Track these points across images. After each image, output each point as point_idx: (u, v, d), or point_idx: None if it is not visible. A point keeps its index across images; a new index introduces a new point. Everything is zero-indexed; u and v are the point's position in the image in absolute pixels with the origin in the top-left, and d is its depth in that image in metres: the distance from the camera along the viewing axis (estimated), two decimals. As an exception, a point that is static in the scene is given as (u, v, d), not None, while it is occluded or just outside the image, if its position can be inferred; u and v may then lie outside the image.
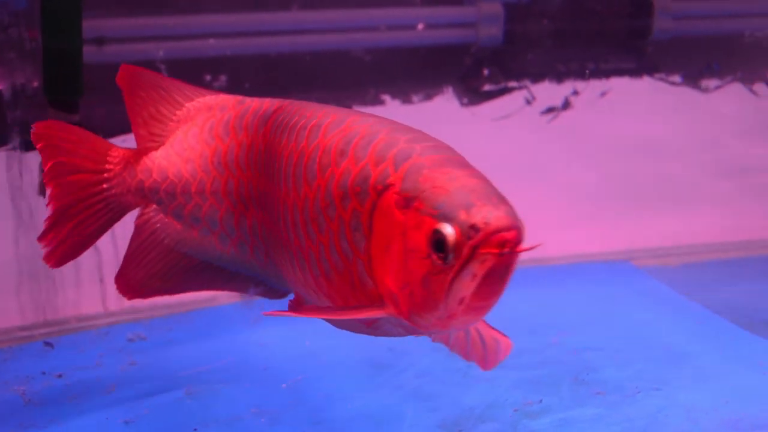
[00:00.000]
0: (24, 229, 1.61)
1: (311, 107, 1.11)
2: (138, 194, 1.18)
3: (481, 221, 0.90)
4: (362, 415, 1.27)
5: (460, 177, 0.94)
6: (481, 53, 1.91)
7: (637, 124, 1.98)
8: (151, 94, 1.20)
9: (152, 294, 1.23)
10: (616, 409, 1.26)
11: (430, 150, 0.98)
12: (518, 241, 0.90)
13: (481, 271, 0.89)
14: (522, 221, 0.92)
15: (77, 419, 1.29)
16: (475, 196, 0.92)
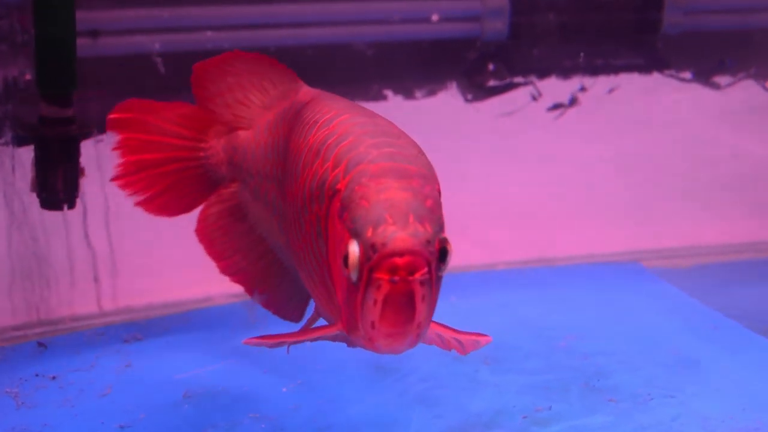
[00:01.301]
0: (17, 226, 1.57)
1: (327, 102, 1.12)
2: (229, 168, 1.26)
3: (380, 242, 0.88)
4: (366, 420, 1.23)
5: (391, 189, 0.92)
6: (486, 48, 1.87)
7: (645, 121, 1.94)
8: (241, 79, 1.26)
9: (235, 272, 1.30)
10: (629, 416, 1.23)
11: (383, 157, 0.96)
12: (412, 269, 0.86)
13: (379, 297, 0.87)
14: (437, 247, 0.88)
15: (71, 423, 1.25)
16: (391, 213, 0.89)
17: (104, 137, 1.60)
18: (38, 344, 1.50)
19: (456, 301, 1.62)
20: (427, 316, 0.91)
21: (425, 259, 0.87)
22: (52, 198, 1.45)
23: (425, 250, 0.87)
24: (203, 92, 1.27)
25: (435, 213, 0.92)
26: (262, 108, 1.26)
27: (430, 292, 0.89)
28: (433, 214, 0.91)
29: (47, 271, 1.61)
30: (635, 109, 1.93)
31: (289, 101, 1.21)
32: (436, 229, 0.90)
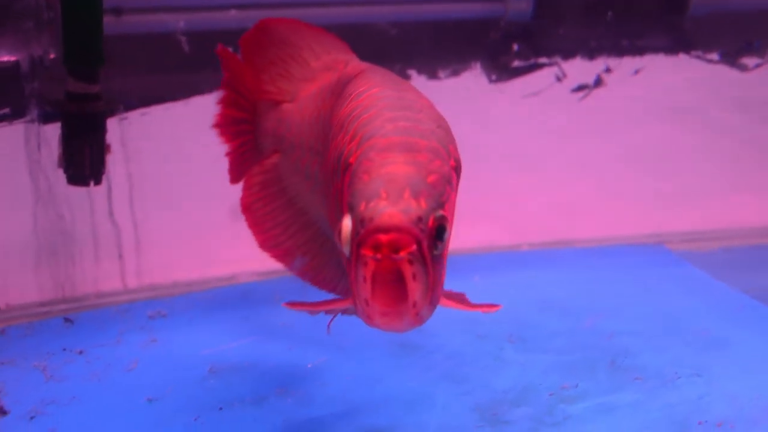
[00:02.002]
0: (42, 203, 1.57)
1: (369, 76, 1.12)
2: (272, 140, 1.26)
3: (368, 217, 0.87)
4: (392, 397, 1.23)
5: (394, 164, 0.91)
6: (510, 28, 1.85)
7: (671, 102, 1.92)
8: (281, 53, 1.26)
9: (275, 245, 1.28)
10: (656, 395, 1.22)
11: (397, 131, 0.97)
12: (396, 246, 0.84)
13: (367, 274, 0.86)
14: (431, 224, 0.86)
15: (99, 396, 1.26)
16: (387, 188, 0.89)
17: (128, 115, 1.61)
18: (65, 320, 1.51)
19: (480, 280, 1.62)
20: (422, 295, 0.88)
21: (413, 237, 0.85)
22: (78, 174, 1.45)
23: (414, 227, 0.85)
24: (250, 65, 1.27)
25: (436, 189, 0.90)
26: (304, 81, 1.25)
27: (423, 271, 0.86)
28: (434, 190, 0.90)
29: (72, 248, 1.62)
30: (660, 89, 1.91)
31: (336, 74, 1.20)
32: (432, 205, 0.88)
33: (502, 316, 1.44)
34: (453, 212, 0.99)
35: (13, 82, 1.51)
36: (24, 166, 1.55)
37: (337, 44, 1.27)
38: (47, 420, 1.19)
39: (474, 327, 1.43)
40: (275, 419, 1.19)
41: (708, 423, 1.14)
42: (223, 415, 1.20)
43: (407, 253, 0.84)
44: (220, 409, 1.21)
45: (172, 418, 1.20)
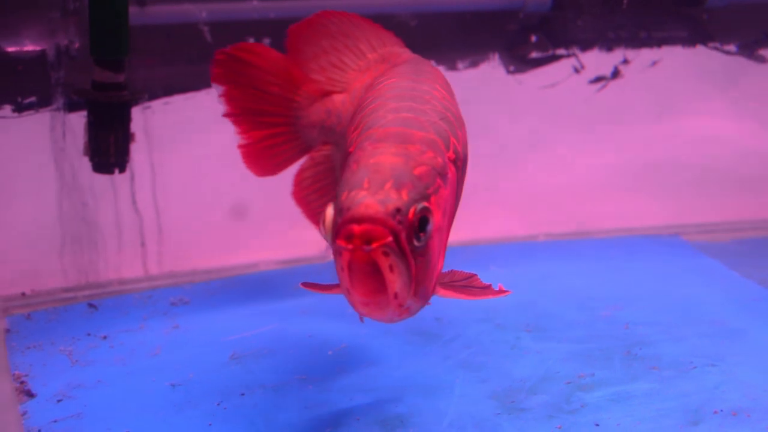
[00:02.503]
0: (67, 190, 1.60)
1: (398, 68, 1.16)
2: (320, 132, 1.27)
3: (345, 207, 0.88)
4: (411, 384, 1.25)
5: (383, 154, 0.93)
6: (528, 19, 1.86)
7: (688, 94, 1.93)
8: (337, 43, 1.27)
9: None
10: (672, 384, 1.24)
11: (396, 122, 0.98)
12: (368, 238, 0.85)
13: (343, 264, 0.87)
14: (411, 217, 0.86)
15: (124, 380, 1.28)
16: (371, 178, 0.89)
17: (152, 104, 1.63)
18: (89, 305, 1.53)
19: (496, 270, 1.64)
20: (404, 287, 0.88)
21: (388, 228, 0.86)
22: (103, 162, 1.48)
23: (390, 219, 0.86)
24: (297, 55, 1.28)
25: (422, 181, 0.91)
26: (358, 71, 1.26)
27: (402, 263, 0.87)
28: (420, 182, 0.91)
29: (96, 235, 1.64)
30: (677, 81, 1.91)
31: (384, 66, 1.22)
32: (414, 197, 0.89)
33: (519, 305, 1.48)
34: (449, 204, 0.99)
35: (40, 71, 1.53)
36: (49, 154, 1.57)
37: (393, 39, 1.28)
38: (74, 403, 1.22)
39: (492, 316, 1.45)
40: (297, 405, 1.21)
41: (723, 412, 1.15)
42: (245, 401, 1.22)
43: (381, 244, 0.85)
44: (242, 395, 1.24)
45: (195, 402, 1.22)
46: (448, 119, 1.06)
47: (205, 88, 1.66)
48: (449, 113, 1.08)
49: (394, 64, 1.20)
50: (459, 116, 1.13)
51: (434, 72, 1.22)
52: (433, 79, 1.17)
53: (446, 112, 1.07)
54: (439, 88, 1.14)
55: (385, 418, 1.16)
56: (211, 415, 1.19)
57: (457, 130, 1.07)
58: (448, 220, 1.01)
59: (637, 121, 1.93)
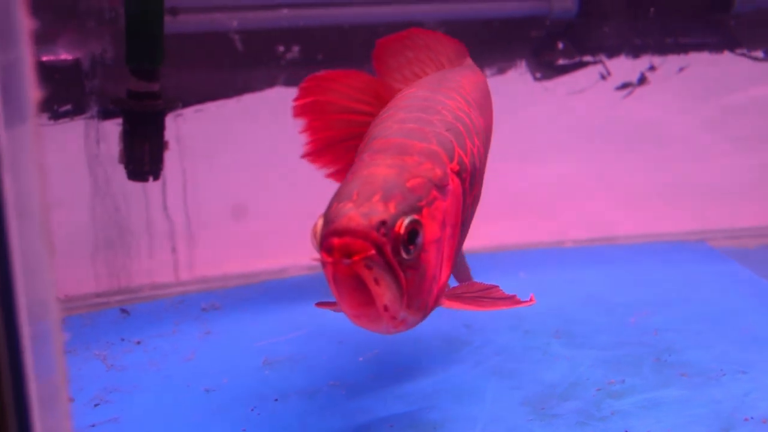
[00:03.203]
0: (100, 197, 1.62)
1: (432, 77, 1.18)
2: None
3: (330, 219, 0.88)
4: (443, 390, 1.26)
5: (378, 166, 0.93)
6: (555, 26, 1.87)
7: (714, 100, 1.93)
8: (420, 54, 1.29)
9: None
10: (702, 391, 1.24)
11: (399, 133, 0.99)
12: (348, 251, 0.84)
13: (328, 276, 0.87)
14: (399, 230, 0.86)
15: (159, 385, 1.30)
16: (361, 190, 0.89)
17: (183, 112, 1.65)
18: (121, 310, 1.56)
19: (525, 276, 1.65)
20: (394, 300, 0.88)
21: (371, 241, 0.85)
22: (138, 170, 1.50)
23: (373, 232, 0.85)
24: (383, 67, 1.29)
25: (414, 193, 0.91)
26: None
27: (389, 276, 0.86)
28: (412, 194, 0.90)
29: (128, 241, 1.67)
30: (703, 87, 1.91)
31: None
32: (403, 210, 0.89)
33: (548, 311, 1.48)
34: (450, 216, 0.98)
35: (75, 79, 1.56)
36: (83, 161, 1.60)
37: (466, 52, 1.32)
38: (111, 408, 1.24)
39: (521, 323, 1.46)
40: (330, 411, 1.22)
41: (754, 420, 1.16)
42: (278, 406, 1.24)
43: (363, 258, 0.84)
44: (276, 400, 1.25)
45: (229, 407, 1.24)
46: (457, 130, 1.05)
47: (235, 96, 1.68)
48: (460, 123, 1.07)
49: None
50: (474, 125, 1.12)
51: (461, 81, 1.22)
52: (454, 89, 1.17)
53: (456, 123, 1.06)
54: (457, 98, 1.14)
55: (418, 424, 1.17)
56: (245, 421, 1.20)
57: (466, 140, 1.06)
58: (450, 231, 0.99)
59: (663, 127, 1.93)
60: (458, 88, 1.18)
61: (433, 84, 1.18)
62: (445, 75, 1.22)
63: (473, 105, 1.17)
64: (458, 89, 1.17)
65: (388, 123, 1.03)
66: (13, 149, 0.51)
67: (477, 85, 1.25)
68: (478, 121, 1.15)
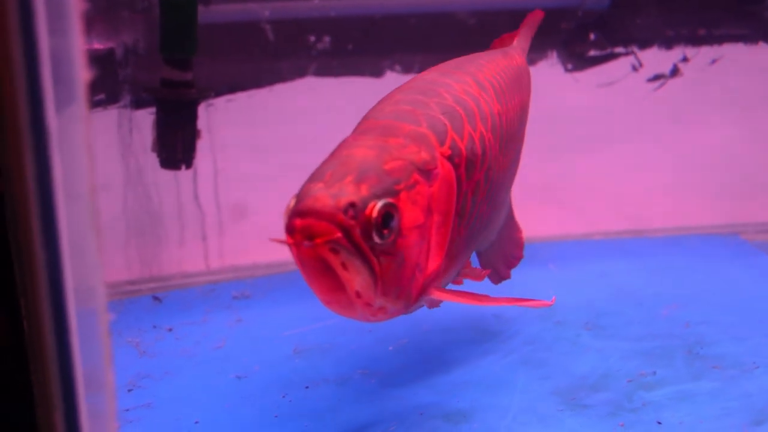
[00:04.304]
0: (132, 185, 1.64)
1: (453, 61, 1.16)
2: None
3: (296, 200, 0.84)
4: (473, 380, 1.26)
5: (358, 147, 0.90)
6: (587, 17, 1.86)
7: (748, 93, 1.91)
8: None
9: None
10: (735, 384, 1.23)
11: (389, 114, 0.96)
12: (310, 233, 0.80)
13: (295, 259, 0.84)
14: (370, 213, 0.83)
15: (191, 371, 1.31)
16: (335, 170, 0.86)
17: (215, 102, 1.66)
18: (153, 298, 1.57)
19: (554, 268, 1.65)
20: (367, 287, 0.84)
21: (336, 224, 0.81)
22: (171, 158, 1.51)
23: (339, 213, 0.81)
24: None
25: (392, 176, 0.87)
26: None
27: (358, 261, 0.82)
28: (388, 177, 0.86)
29: (159, 229, 1.68)
30: (737, 79, 1.90)
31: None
32: (376, 192, 0.85)
33: (578, 303, 1.48)
34: (438, 202, 0.94)
35: (108, 68, 1.57)
36: (116, 150, 1.61)
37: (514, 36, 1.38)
38: (144, 393, 1.25)
39: (551, 314, 1.45)
40: (360, 399, 1.22)
41: (788, 413, 1.15)
42: (309, 393, 1.24)
43: (326, 240, 0.81)
44: (306, 388, 1.26)
45: (260, 394, 1.25)
46: (455, 113, 1.00)
47: (266, 86, 1.69)
48: (461, 107, 1.02)
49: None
50: (481, 111, 1.06)
51: (484, 64, 1.17)
52: (469, 72, 1.11)
53: (456, 106, 1.01)
54: (468, 81, 1.09)
55: (449, 413, 1.17)
56: (276, 407, 1.21)
57: (465, 125, 1.01)
58: (440, 219, 0.95)
59: (695, 119, 1.92)
60: (475, 72, 1.13)
61: (450, 66, 1.14)
62: (471, 58, 1.20)
63: (488, 89, 1.12)
64: (474, 73, 1.12)
65: (383, 104, 1.00)
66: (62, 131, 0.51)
67: (504, 70, 1.21)
68: (491, 106, 1.09)
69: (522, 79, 1.27)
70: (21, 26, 0.50)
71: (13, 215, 0.52)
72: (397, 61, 1.78)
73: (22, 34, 0.50)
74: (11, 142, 0.51)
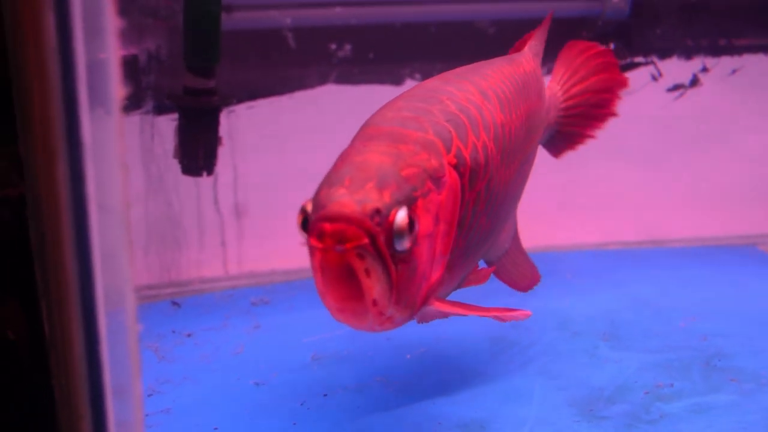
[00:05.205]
0: (153, 191, 1.65)
1: (457, 69, 1.14)
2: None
3: (320, 204, 0.83)
4: (490, 389, 1.27)
5: (371, 153, 0.88)
6: (606, 26, 1.86)
7: (767, 103, 1.90)
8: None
9: None
10: (752, 397, 1.23)
11: (393, 121, 0.94)
12: (341, 238, 0.79)
13: (315, 264, 0.82)
14: (394, 218, 0.82)
15: (210, 377, 1.32)
16: (353, 176, 0.84)
17: (236, 108, 1.67)
18: (172, 303, 1.58)
19: (572, 278, 1.65)
20: (384, 294, 0.83)
21: (364, 229, 0.80)
22: (192, 165, 1.52)
23: (367, 220, 0.81)
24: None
25: (409, 183, 0.86)
26: None
27: (380, 268, 0.82)
28: (406, 184, 0.86)
29: (179, 235, 1.69)
30: (757, 90, 1.89)
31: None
32: (398, 199, 0.84)
33: (595, 314, 1.48)
34: (446, 211, 0.93)
35: (131, 75, 1.58)
36: (138, 156, 1.62)
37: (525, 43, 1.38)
38: (163, 398, 1.26)
39: (568, 324, 1.46)
40: (378, 407, 1.23)
41: (806, 428, 1.15)
42: (327, 401, 1.25)
43: (355, 246, 0.80)
44: (325, 396, 1.26)
45: (279, 401, 1.25)
46: (459, 121, 0.99)
47: (287, 93, 1.70)
48: (464, 115, 1.01)
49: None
50: (484, 119, 1.04)
51: (488, 73, 1.15)
52: (471, 81, 1.09)
53: (459, 114, 1.00)
54: (470, 89, 1.07)
55: (466, 423, 1.18)
56: (295, 415, 1.21)
57: (469, 133, 1.00)
58: (444, 228, 0.94)
59: (714, 130, 1.91)
60: (478, 81, 1.11)
61: (452, 75, 1.12)
62: (475, 66, 1.18)
63: (492, 98, 1.09)
64: (477, 82, 1.10)
65: (384, 111, 0.98)
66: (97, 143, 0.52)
67: (509, 78, 1.18)
68: (494, 116, 1.07)
69: (530, 87, 1.24)
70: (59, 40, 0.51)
71: (39, 219, 0.53)
72: (417, 70, 1.79)
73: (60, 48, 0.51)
74: (41, 145, 0.52)
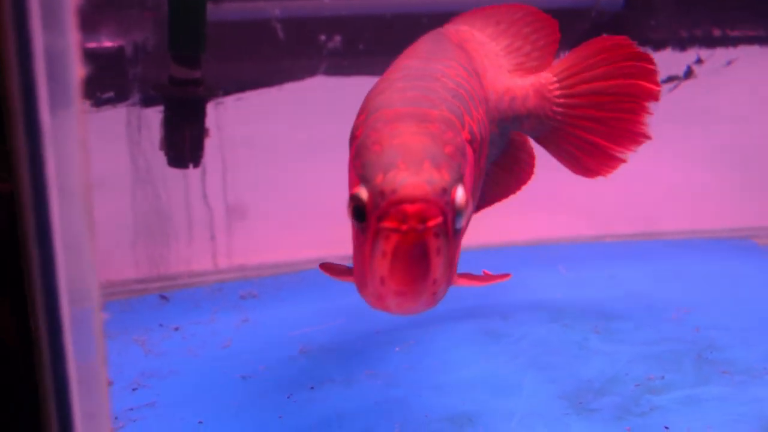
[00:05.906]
0: (141, 183, 1.64)
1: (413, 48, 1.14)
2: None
3: (389, 188, 0.81)
4: (479, 382, 1.25)
5: (406, 134, 0.86)
6: (600, 18, 1.84)
7: (762, 94, 1.89)
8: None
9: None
10: (744, 389, 1.21)
11: (405, 102, 0.92)
12: (424, 217, 0.79)
13: (388, 249, 0.80)
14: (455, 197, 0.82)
15: (196, 371, 1.31)
16: (405, 158, 0.83)
17: (224, 100, 1.66)
18: (160, 297, 1.57)
19: (564, 271, 1.63)
20: (443, 273, 0.83)
21: (440, 209, 0.80)
22: (178, 156, 1.51)
23: (440, 199, 0.81)
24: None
25: (455, 160, 0.86)
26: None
27: (446, 246, 0.82)
28: (453, 162, 0.85)
29: (167, 228, 1.68)
30: (753, 81, 1.88)
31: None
32: (454, 177, 0.84)
33: (586, 306, 1.47)
34: (470, 187, 0.93)
35: (118, 66, 1.57)
36: (125, 148, 1.61)
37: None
38: (148, 392, 1.25)
39: (559, 316, 1.44)
40: (365, 400, 1.22)
41: (798, 420, 1.14)
42: (314, 394, 1.24)
43: (434, 225, 0.80)
44: (312, 388, 1.25)
45: (266, 395, 1.24)
46: (461, 96, 0.99)
47: (276, 84, 1.68)
48: (462, 90, 1.01)
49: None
50: (477, 95, 1.06)
51: (453, 49, 1.15)
52: (449, 57, 1.10)
53: (459, 89, 1.00)
54: (455, 66, 1.07)
55: (454, 416, 1.16)
56: (281, 408, 1.20)
57: (471, 109, 1.00)
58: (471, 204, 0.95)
59: (708, 121, 1.90)
60: (453, 57, 1.11)
61: (424, 53, 1.11)
62: (433, 44, 1.16)
63: (473, 74, 1.11)
64: (454, 58, 1.10)
65: (387, 93, 0.96)
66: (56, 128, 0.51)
67: (475, 53, 1.19)
68: (478, 91, 1.08)
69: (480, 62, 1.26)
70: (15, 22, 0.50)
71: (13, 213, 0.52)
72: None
73: (16, 30, 0.49)
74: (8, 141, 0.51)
